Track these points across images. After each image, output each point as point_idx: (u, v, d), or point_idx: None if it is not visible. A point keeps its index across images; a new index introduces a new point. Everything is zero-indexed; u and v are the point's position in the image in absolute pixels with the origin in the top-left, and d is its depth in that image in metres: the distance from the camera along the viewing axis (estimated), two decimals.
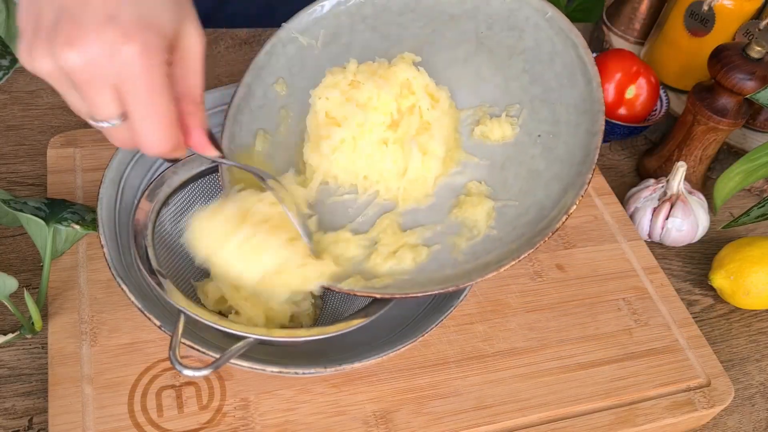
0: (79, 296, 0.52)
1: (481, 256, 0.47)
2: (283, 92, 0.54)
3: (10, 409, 0.48)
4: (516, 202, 0.48)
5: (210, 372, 0.40)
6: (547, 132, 0.49)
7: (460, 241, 0.48)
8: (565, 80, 0.49)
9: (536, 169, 0.49)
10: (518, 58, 0.51)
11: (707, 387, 0.56)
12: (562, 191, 0.46)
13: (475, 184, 0.50)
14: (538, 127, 0.50)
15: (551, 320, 0.58)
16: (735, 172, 0.67)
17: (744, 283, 0.62)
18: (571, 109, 0.49)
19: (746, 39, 0.73)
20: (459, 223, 0.49)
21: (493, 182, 0.50)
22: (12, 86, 0.69)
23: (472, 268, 0.46)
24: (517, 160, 0.50)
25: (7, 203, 0.49)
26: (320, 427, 0.48)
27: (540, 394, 0.53)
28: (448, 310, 0.47)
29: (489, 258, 0.46)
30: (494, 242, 0.47)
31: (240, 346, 0.42)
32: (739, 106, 0.67)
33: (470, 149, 0.52)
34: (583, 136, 0.47)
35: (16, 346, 0.51)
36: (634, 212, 0.68)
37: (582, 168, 0.46)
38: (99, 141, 0.62)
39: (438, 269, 0.47)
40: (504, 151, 0.51)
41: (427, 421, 0.50)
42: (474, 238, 0.48)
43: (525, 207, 0.48)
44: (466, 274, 0.46)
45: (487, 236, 0.48)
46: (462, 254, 0.47)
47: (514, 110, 0.51)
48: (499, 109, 0.52)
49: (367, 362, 0.44)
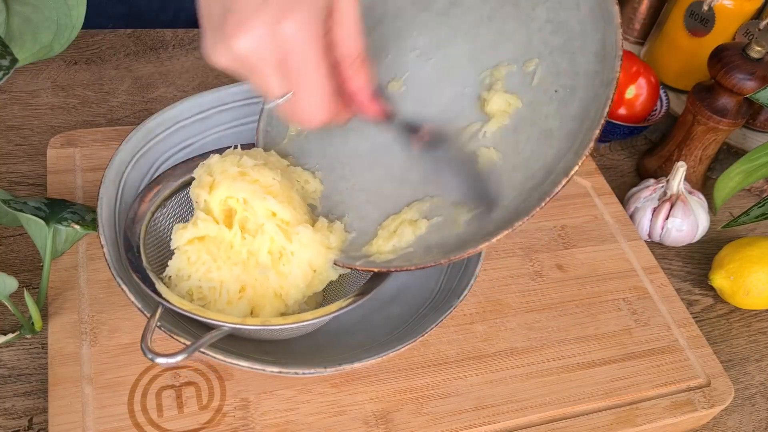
0: (79, 296, 0.52)
1: (483, 225, 0.45)
2: None
3: (10, 409, 0.48)
4: (525, 166, 0.46)
5: (183, 358, 0.40)
6: (565, 86, 0.47)
7: (462, 211, 0.47)
8: (588, 26, 0.47)
9: (549, 128, 0.47)
10: (542, 8, 0.50)
11: (707, 387, 0.56)
12: (569, 151, 0.45)
13: (485, 152, 0.48)
14: (556, 81, 0.48)
15: (551, 320, 0.58)
16: (735, 172, 0.67)
17: (744, 283, 0.62)
18: (591, 57, 0.47)
19: (746, 39, 0.73)
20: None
21: (505, 147, 0.48)
22: (12, 86, 0.69)
23: (471, 238, 0.45)
24: (530, 120, 0.48)
25: (7, 203, 0.49)
26: (320, 427, 0.48)
27: (540, 394, 0.53)
28: (448, 310, 0.47)
29: (490, 227, 0.45)
30: (498, 210, 0.46)
31: (213, 335, 0.42)
32: (739, 106, 0.67)
33: (482, 112, 0.50)
34: (598, 88, 0.45)
35: (16, 346, 0.51)
36: (634, 212, 0.68)
37: (592, 124, 0.44)
38: (99, 141, 0.62)
39: (440, 241, 0.46)
40: (517, 112, 0.49)
41: (427, 421, 0.50)
42: (476, 209, 0.47)
43: (533, 171, 0.46)
44: (463, 244, 0.45)
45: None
46: (464, 224, 0.46)
47: (533, 65, 0.49)
48: (516, 67, 0.50)
49: (367, 362, 0.44)
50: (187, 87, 0.73)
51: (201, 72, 0.75)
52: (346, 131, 0.52)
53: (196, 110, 0.56)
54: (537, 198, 0.44)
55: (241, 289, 0.47)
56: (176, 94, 0.72)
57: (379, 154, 0.52)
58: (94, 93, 0.70)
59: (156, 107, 0.70)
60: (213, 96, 0.56)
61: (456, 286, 0.50)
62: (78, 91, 0.70)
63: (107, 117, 0.69)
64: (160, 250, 0.50)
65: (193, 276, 0.46)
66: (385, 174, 0.51)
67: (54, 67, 0.72)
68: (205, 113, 0.56)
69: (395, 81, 0.52)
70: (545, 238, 0.64)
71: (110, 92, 0.71)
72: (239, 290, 0.47)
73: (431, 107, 0.51)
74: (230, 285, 0.46)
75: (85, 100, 0.69)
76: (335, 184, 0.52)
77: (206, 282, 0.46)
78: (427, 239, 0.47)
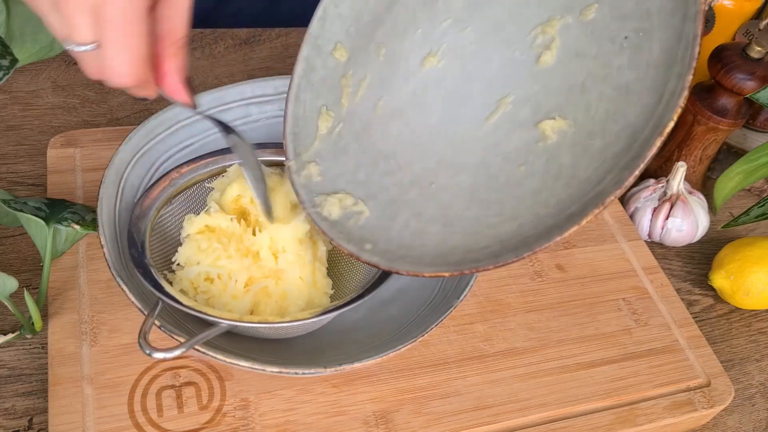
0: (79, 296, 0.52)
1: (565, 208, 0.39)
2: (343, 58, 0.49)
3: (10, 409, 0.48)
4: (602, 131, 0.40)
5: (181, 353, 0.40)
6: (636, 30, 0.40)
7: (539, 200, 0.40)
8: None
9: (625, 82, 0.40)
10: None
11: (707, 387, 0.56)
12: (658, 104, 0.38)
13: (550, 125, 0.42)
14: (623, 26, 0.40)
15: (551, 320, 0.58)
16: (735, 172, 0.67)
17: (744, 283, 0.62)
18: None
19: (746, 39, 0.73)
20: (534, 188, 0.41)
21: (573, 111, 0.41)
22: (12, 86, 0.69)
23: (554, 223, 0.39)
24: (599, 75, 0.41)
25: (7, 203, 0.49)
26: (320, 427, 0.48)
27: (540, 394, 0.53)
28: (448, 310, 0.47)
29: (573, 209, 0.38)
30: (581, 184, 0.39)
31: (212, 331, 0.42)
32: (739, 106, 0.67)
33: (539, 76, 0.43)
34: (680, 25, 0.38)
35: (16, 346, 0.51)
36: (634, 212, 0.68)
37: (681, 68, 0.37)
38: (99, 141, 0.62)
39: (517, 229, 0.40)
40: (582, 67, 0.42)
41: (427, 421, 0.50)
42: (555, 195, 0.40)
43: (614, 134, 0.39)
44: (548, 230, 0.38)
45: (570, 179, 0.40)
46: (546, 207, 0.40)
47: (592, 12, 0.42)
48: (572, 18, 0.43)
49: (367, 362, 0.44)
50: None
51: (201, 72, 0.75)
52: (384, 119, 0.48)
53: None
54: (624, 166, 0.37)
55: (248, 283, 0.47)
56: None
57: (429, 140, 0.46)
58: (94, 93, 0.70)
59: (156, 107, 0.70)
60: (213, 96, 0.56)
61: (456, 286, 0.50)
62: (78, 91, 0.70)
63: (107, 117, 0.69)
64: (163, 247, 0.50)
65: (203, 262, 0.47)
66: (437, 162, 0.46)
67: (54, 67, 0.72)
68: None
69: (431, 56, 0.47)
70: None
71: (110, 92, 0.71)
72: (245, 284, 0.47)
73: (477, 80, 0.46)
74: (239, 274, 0.47)
75: (85, 100, 0.69)
76: (381, 180, 0.46)
77: (215, 269, 0.46)
78: (498, 232, 0.41)
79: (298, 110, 0.49)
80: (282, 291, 0.48)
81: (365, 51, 0.48)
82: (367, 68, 0.48)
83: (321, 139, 0.49)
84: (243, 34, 0.80)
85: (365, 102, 0.48)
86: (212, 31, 0.80)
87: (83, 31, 0.37)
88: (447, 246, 0.42)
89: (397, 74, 0.48)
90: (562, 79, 0.42)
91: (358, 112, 0.48)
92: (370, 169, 0.47)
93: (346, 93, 0.49)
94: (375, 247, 0.44)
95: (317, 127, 0.49)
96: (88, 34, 0.37)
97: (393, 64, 0.48)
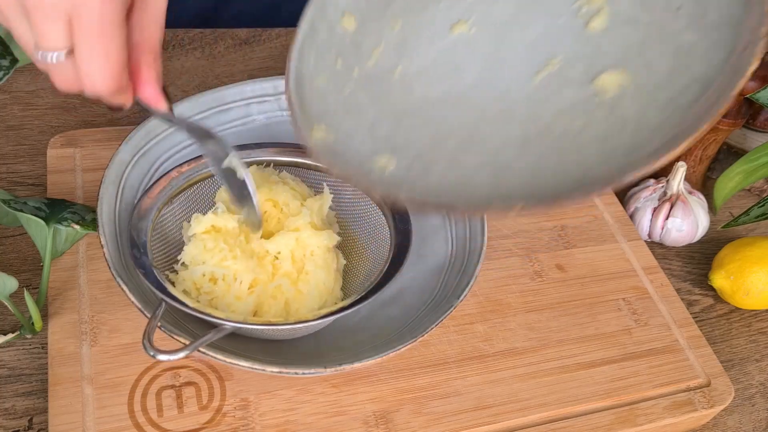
0: (79, 296, 0.52)
1: (640, 147, 0.37)
2: (351, 28, 0.46)
3: (10, 409, 0.48)
4: (668, 83, 0.38)
5: (185, 355, 0.40)
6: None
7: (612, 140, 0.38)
8: None
9: (686, 42, 0.38)
10: None
11: (707, 387, 0.56)
12: (732, 54, 0.36)
13: (609, 79, 0.40)
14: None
15: (551, 320, 0.58)
16: (735, 172, 0.67)
17: (744, 283, 0.62)
18: None
19: None
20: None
21: (634, 68, 0.40)
22: (12, 86, 0.69)
23: (636, 159, 0.36)
24: (657, 39, 0.39)
25: (7, 203, 0.49)
26: (320, 427, 0.48)
27: (540, 394, 0.53)
28: (448, 310, 0.47)
29: (652, 146, 0.36)
30: (653, 131, 0.37)
31: (215, 333, 0.42)
32: (739, 106, 0.67)
33: (590, 39, 0.41)
34: None
35: (16, 346, 0.51)
36: (634, 212, 0.68)
37: (751, 22, 0.35)
38: (99, 141, 0.62)
39: (583, 173, 0.38)
40: (636, 31, 0.40)
41: (427, 421, 0.50)
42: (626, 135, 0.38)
43: (681, 86, 0.37)
44: (631, 164, 0.36)
45: (638, 128, 0.38)
46: (614, 150, 0.38)
47: None
48: None
49: (367, 362, 0.44)
50: (187, 87, 0.73)
51: (201, 72, 0.75)
52: (405, 81, 0.45)
53: (196, 110, 0.56)
54: (704, 110, 0.35)
55: (252, 284, 0.47)
56: (176, 94, 0.72)
57: (465, 97, 0.44)
58: None
59: None
60: (213, 96, 0.56)
61: (456, 286, 0.50)
62: None
63: (107, 117, 0.68)
64: (164, 247, 0.50)
65: (209, 261, 0.47)
66: (477, 117, 0.43)
67: None
68: (205, 113, 0.56)
69: (461, 23, 0.44)
70: (545, 238, 0.64)
71: None
72: (250, 285, 0.47)
73: (517, 45, 0.43)
74: (243, 275, 0.47)
75: (85, 100, 0.69)
76: (407, 134, 0.44)
77: (220, 269, 0.47)
78: (559, 178, 0.38)
79: (300, 67, 0.45)
80: (297, 292, 0.48)
81: (378, 22, 0.45)
82: (382, 37, 0.45)
83: (328, 97, 0.45)
84: (243, 34, 0.80)
85: (379, 67, 0.46)
86: (212, 31, 0.80)
87: (56, 37, 0.36)
88: (498, 194, 0.40)
89: (420, 40, 0.45)
90: (615, 41, 0.41)
91: (372, 76, 0.45)
92: (392, 125, 0.44)
93: (356, 58, 0.46)
94: (412, 192, 0.41)
95: (323, 86, 0.45)
96: (60, 40, 0.36)
97: (415, 32, 0.46)
